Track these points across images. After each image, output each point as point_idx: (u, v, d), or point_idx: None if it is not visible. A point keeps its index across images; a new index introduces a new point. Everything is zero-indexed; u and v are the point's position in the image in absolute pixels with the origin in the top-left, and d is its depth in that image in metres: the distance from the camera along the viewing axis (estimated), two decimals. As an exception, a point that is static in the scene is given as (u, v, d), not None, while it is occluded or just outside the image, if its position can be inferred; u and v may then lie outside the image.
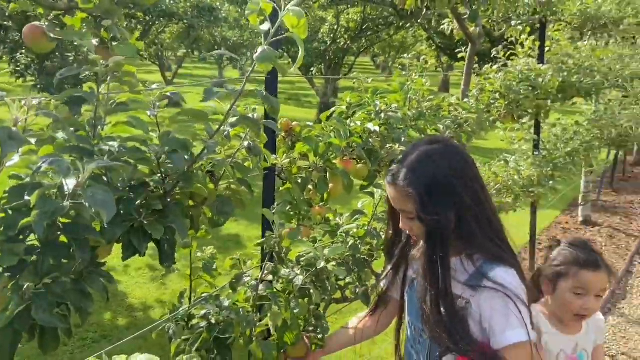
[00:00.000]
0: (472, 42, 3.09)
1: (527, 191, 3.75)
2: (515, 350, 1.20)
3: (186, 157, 1.16)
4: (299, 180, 1.76)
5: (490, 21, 3.52)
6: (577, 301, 1.64)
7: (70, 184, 0.90)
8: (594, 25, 4.42)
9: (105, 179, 1.13)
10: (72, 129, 1.08)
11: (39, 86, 5.30)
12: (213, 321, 1.50)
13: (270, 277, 1.50)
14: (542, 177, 3.76)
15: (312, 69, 12.01)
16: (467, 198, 1.26)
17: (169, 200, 1.16)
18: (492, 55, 3.41)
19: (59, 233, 0.98)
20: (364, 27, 12.01)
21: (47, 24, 1.26)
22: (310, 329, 1.80)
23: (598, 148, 4.93)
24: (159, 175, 1.17)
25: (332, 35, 11.92)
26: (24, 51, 5.40)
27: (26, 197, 0.94)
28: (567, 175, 4.16)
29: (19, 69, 5.57)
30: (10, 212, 0.95)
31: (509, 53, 3.95)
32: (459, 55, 3.62)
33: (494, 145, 4.17)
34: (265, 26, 1.07)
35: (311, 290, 1.79)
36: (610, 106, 5.41)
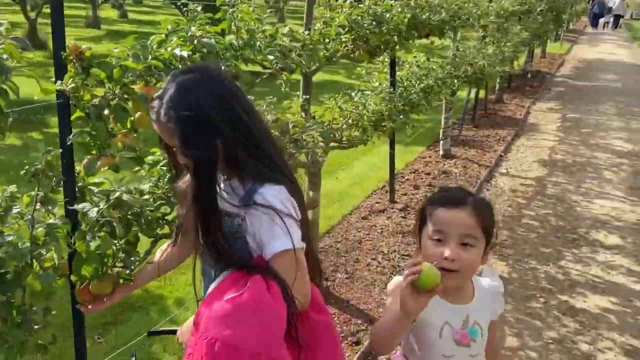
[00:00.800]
0: (313, -27, 3.04)
1: (380, 125, 3.89)
2: (280, 258, 1.26)
3: None
4: (91, 108, 1.65)
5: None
6: (437, 249, 1.30)
7: None
8: (445, -37, 4.55)
9: None
10: None
11: None
12: (-14, 257, 1.40)
13: (42, 210, 1.42)
14: (393, 112, 3.90)
15: (185, 9, 11.38)
16: (229, 125, 1.25)
17: None
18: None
19: None
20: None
21: None
22: (120, 264, 1.76)
23: (455, 85, 5.21)
24: None
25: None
26: None
27: None
28: (419, 111, 4.36)
29: None
30: None
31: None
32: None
33: (364, 84, 4.25)
34: None
35: (114, 224, 1.74)
36: (466, 45, 5.71)
